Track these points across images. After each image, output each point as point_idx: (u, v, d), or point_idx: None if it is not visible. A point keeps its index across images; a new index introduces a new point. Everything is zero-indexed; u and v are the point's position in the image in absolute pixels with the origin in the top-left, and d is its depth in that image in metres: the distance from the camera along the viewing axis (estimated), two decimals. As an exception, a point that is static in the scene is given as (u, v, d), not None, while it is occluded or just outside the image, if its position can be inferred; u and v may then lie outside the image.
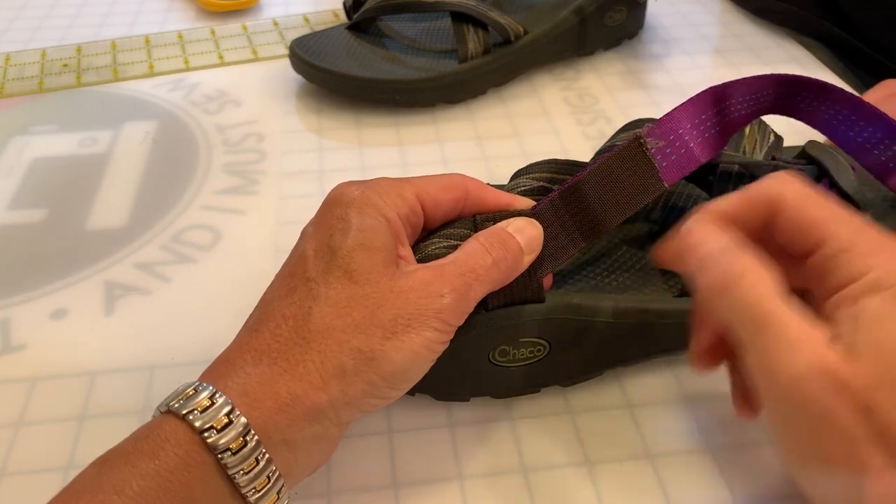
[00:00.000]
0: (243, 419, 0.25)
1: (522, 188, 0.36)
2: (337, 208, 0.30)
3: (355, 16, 0.60)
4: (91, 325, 0.40)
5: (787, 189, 0.27)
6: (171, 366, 0.38)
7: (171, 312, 0.41)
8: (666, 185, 0.33)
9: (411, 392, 0.35)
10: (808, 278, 0.27)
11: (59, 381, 0.37)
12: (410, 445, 0.34)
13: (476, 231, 0.32)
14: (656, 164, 0.33)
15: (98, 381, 0.37)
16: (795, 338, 0.24)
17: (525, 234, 0.32)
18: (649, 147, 0.33)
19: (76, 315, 0.41)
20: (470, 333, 0.32)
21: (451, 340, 0.30)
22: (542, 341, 0.34)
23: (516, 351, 0.34)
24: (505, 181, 0.38)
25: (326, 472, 0.33)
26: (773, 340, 0.24)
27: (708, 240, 0.27)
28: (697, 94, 0.36)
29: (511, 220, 0.32)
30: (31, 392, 0.37)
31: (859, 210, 0.36)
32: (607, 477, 0.33)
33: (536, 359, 0.34)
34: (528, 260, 0.32)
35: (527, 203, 0.34)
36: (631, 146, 0.33)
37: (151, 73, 0.62)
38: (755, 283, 0.25)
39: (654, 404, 0.36)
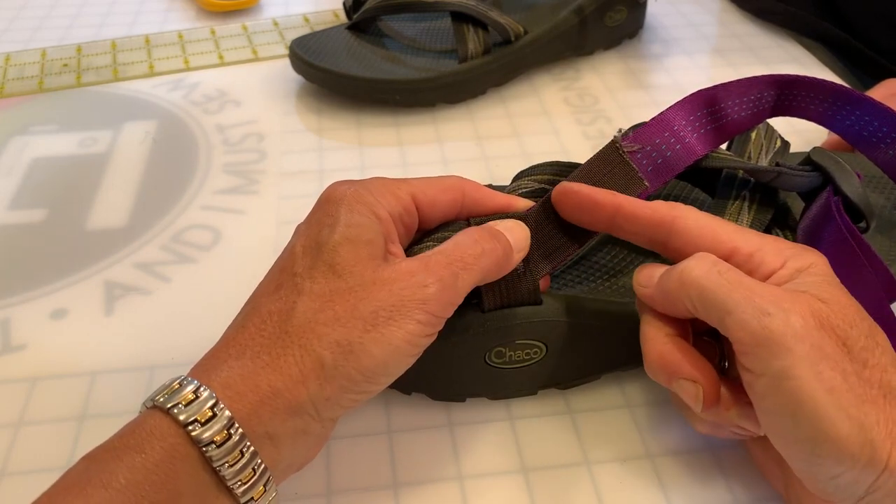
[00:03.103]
0: (227, 413, 0.26)
1: (524, 190, 0.36)
2: (328, 205, 0.30)
3: (355, 16, 0.60)
4: (91, 325, 0.40)
5: (687, 213, 0.31)
6: (171, 366, 0.38)
7: (171, 312, 0.41)
8: (647, 184, 0.34)
9: (407, 391, 0.36)
10: None
11: (59, 381, 0.37)
12: (410, 445, 0.34)
13: None
14: (634, 166, 0.34)
15: (98, 381, 0.37)
16: (776, 292, 0.27)
17: (514, 234, 0.32)
18: (625, 150, 0.34)
19: (76, 315, 0.41)
20: (465, 334, 0.32)
21: (447, 340, 0.30)
22: (539, 344, 0.34)
23: (512, 353, 0.34)
24: (505, 181, 0.38)
25: (326, 471, 0.33)
26: (756, 300, 0.27)
27: (654, 272, 0.31)
28: (685, 98, 0.36)
29: (500, 220, 0.32)
30: (31, 392, 0.37)
31: (865, 218, 0.35)
32: (607, 477, 0.33)
33: (533, 361, 0.34)
34: (517, 257, 0.32)
35: (525, 204, 0.34)
36: (607, 150, 0.34)
37: (151, 73, 0.62)
38: (711, 265, 0.28)
39: (654, 404, 0.36)
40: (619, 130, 0.35)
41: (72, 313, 0.41)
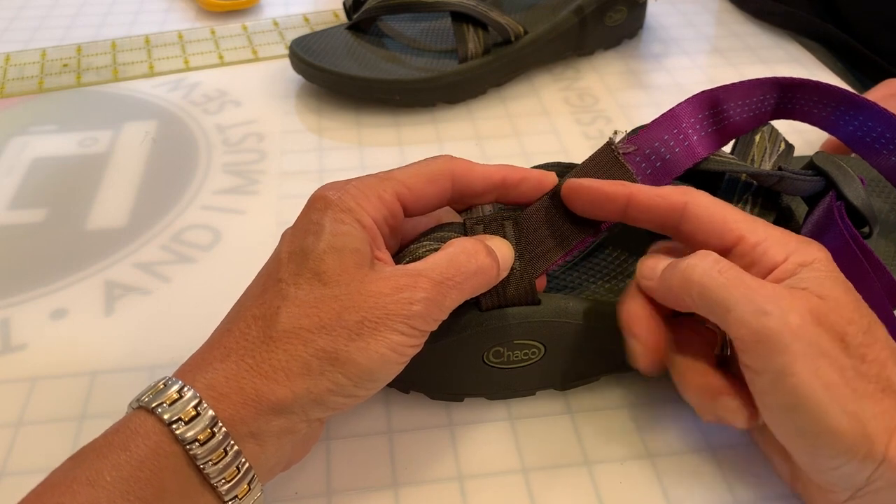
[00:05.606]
0: (211, 412, 0.26)
1: None
2: (313, 213, 0.30)
3: (355, 16, 0.60)
4: (91, 325, 0.40)
5: (698, 198, 0.31)
6: (170, 366, 0.38)
7: (171, 312, 0.41)
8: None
9: (405, 389, 0.36)
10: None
11: (59, 381, 0.37)
12: (410, 445, 0.34)
13: (465, 235, 0.32)
14: (630, 168, 0.34)
15: (98, 381, 0.37)
16: (774, 290, 0.27)
17: (502, 253, 0.32)
18: (621, 151, 0.34)
19: (76, 315, 0.41)
20: (463, 333, 0.32)
21: (444, 339, 0.30)
22: (537, 344, 0.34)
23: (510, 353, 0.34)
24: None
25: (326, 471, 0.33)
26: (755, 298, 0.27)
27: (657, 265, 0.31)
28: (689, 98, 0.36)
29: (490, 237, 0.33)
30: (31, 392, 0.37)
31: (868, 224, 0.35)
32: (607, 477, 0.33)
33: (531, 361, 0.34)
34: (502, 276, 0.32)
35: (522, 173, 0.34)
36: (602, 151, 0.35)
37: (151, 73, 0.62)
38: (713, 264, 0.29)
39: (654, 404, 0.36)
40: (615, 132, 0.35)
41: (72, 313, 0.41)
